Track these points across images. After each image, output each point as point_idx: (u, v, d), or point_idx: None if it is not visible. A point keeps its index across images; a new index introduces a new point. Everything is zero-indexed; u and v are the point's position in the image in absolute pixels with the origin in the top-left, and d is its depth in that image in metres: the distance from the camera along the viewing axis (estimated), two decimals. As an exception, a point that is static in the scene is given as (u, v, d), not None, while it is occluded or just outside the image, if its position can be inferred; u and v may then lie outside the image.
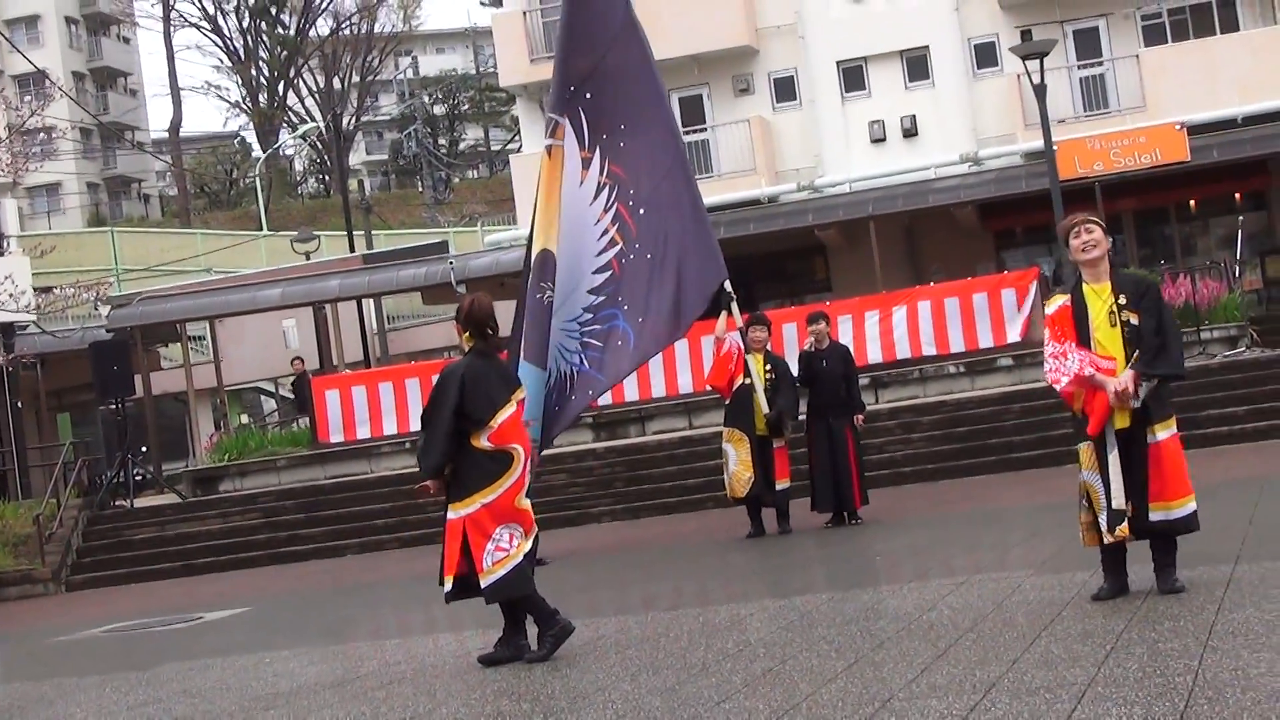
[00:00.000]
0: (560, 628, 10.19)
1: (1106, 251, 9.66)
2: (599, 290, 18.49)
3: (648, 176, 18.65)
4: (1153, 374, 9.37)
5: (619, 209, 18.62)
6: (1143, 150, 32.65)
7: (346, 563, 24.06)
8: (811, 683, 8.16)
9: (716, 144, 38.01)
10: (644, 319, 18.27)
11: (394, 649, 12.30)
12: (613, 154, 18.74)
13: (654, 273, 18.35)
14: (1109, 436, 9.51)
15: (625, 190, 18.65)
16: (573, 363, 18.33)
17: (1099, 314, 9.57)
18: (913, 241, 37.32)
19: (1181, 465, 9.49)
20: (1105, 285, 9.62)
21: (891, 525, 17.48)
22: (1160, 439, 9.45)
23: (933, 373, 27.82)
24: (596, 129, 18.79)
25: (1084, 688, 7.11)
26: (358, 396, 30.32)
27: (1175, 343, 9.56)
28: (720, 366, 18.45)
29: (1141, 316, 9.47)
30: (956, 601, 10.42)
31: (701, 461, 24.71)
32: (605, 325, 18.38)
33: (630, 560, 18.00)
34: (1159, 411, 9.48)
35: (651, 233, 18.45)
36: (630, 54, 18.85)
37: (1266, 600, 8.77)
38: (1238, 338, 27.14)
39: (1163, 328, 9.46)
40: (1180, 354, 9.61)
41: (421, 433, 10.20)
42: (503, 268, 35.21)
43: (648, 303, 18.27)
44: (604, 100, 18.78)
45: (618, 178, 18.68)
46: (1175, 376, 9.55)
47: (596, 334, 18.38)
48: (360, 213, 55.66)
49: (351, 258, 43.27)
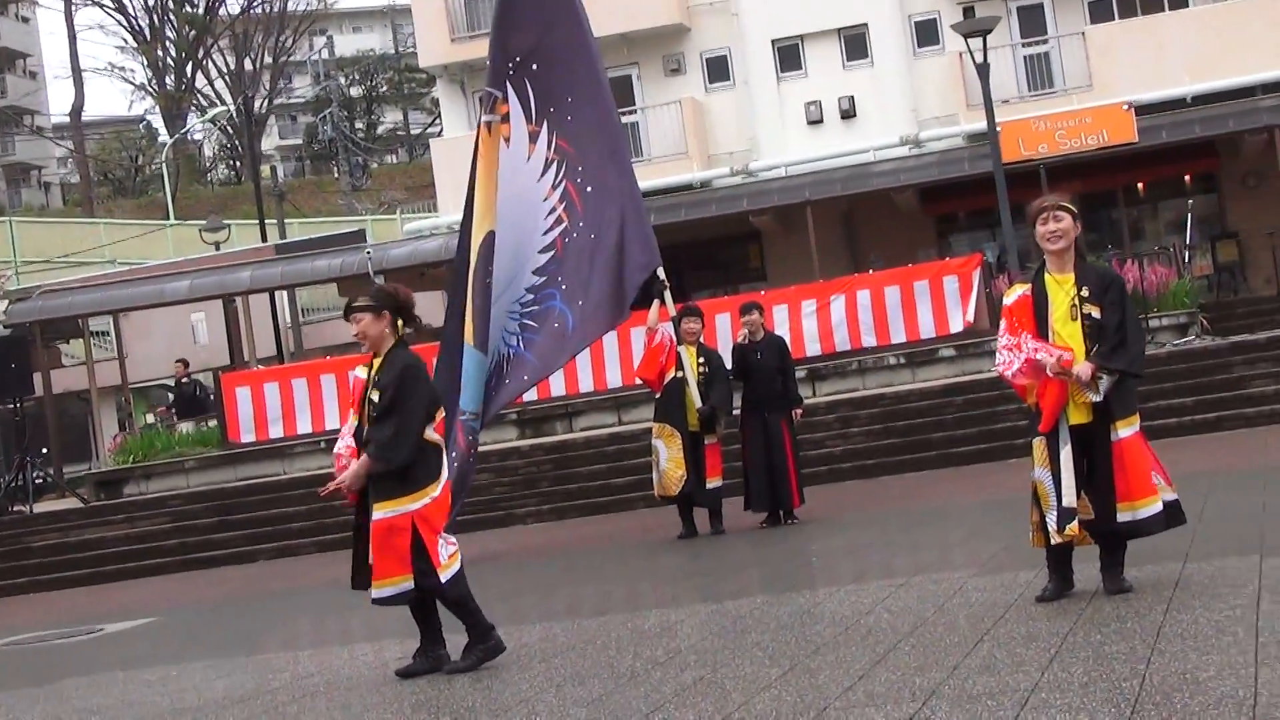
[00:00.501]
0: (492, 644, 10.15)
1: (1074, 242, 9.64)
2: (542, 270, 18.45)
3: (594, 154, 18.60)
4: (1109, 367, 9.36)
5: (567, 186, 18.56)
6: (1089, 131, 32.83)
7: (259, 569, 23.93)
8: (744, 692, 8.15)
9: (646, 126, 37.99)
10: (583, 301, 18.23)
11: (308, 660, 12.22)
12: (560, 128, 18.67)
13: (596, 254, 18.30)
14: (1062, 431, 9.52)
15: (574, 167, 18.58)
16: (511, 345, 18.29)
17: (1060, 306, 9.56)
18: (851, 227, 37.41)
19: (1145, 464, 9.48)
20: (1069, 276, 9.59)
21: (829, 524, 17.51)
22: (1122, 436, 9.46)
23: (872, 364, 27.88)
24: (544, 101, 18.72)
25: (1027, 694, 7.12)
26: (270, 394, 30.13)
27: (1136, 340, 9.57)
28: (651, 359, 18.42)
29: (1104, 311, 9.47)
30: (896, 604, 10.44)
31: (631, 459, 24.68)
32: (543, 306, 18.33)
33: (556, 563, 17.97)
34: (1121, 408, 9.48)
35: (596, 212, 18.41)
36: (573, 32, 18.81)
37: (1216, 600, 8.82)
38: (1187, 325, 27.34)
39: (1125, 324, 9.45)
40: (1140, 353, 9.64)
41: (386, 425, 9.97)
42: (422, 257, 35.16)
43: (588, 285, 18.23)
44: (551, 73, 18.72)
45: (566, 153, 18.62)
46: (1132, 375, 9.52)
47: (534, 315, 18.34)
48: (273, 200, 55.30)
49: (264, 248, 43.07)
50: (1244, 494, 14.11)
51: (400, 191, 74.59)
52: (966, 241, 37.15)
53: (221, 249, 45.68)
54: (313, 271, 36.18)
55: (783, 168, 36.54)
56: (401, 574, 9.91)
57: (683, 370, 18.02)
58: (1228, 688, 6.74)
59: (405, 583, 9.94)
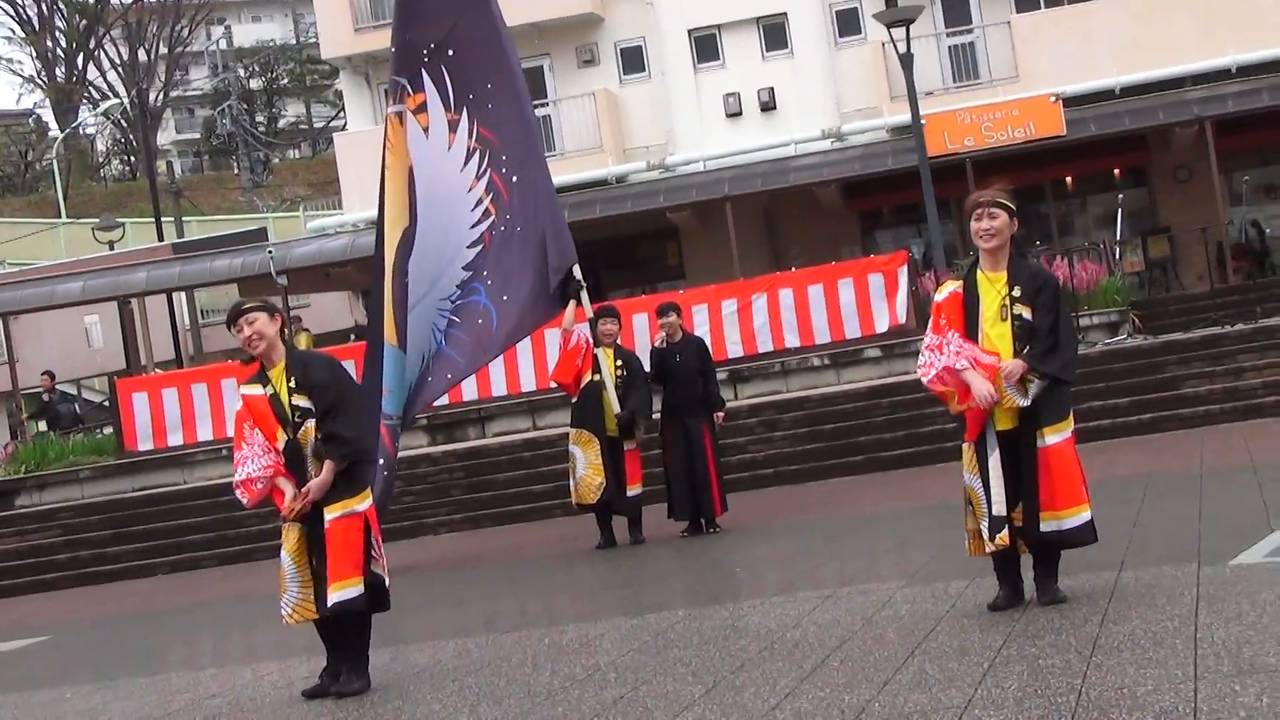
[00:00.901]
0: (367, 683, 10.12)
1: (1007, 241, 9.62)
2: (470, 265, 18.38)
3: (517, 143, 18.53)
4: (1040, 370, 9.37)
5: (492, 176, 18.47)
6: (1015, 124, 33.06)
7: (158, 583, 23.73)
8: (667, 710, 8.12)
9: (560, 119, 37.95)
10: (508, 297, 18.18)
11: (210, 680, 12.09)
12: (481, 115, 18.56)
13: (522, 248, 18.26)
14: (989, 438, 9.54)
15: (498, 155, 18.48)
16: (437, 341, 18.25)
17: (990, 305, 9.55)
18: (772, 224, 37.51)
19: (1074, 472, 9.47)
20: (1001, 275, 9.57)
21: (752, 533, 17.49)
22: (1049, 443, 9.45)
23: (795, 365, 27.94)
24: (462, 89, 18.60)
25: (961, 710, 7.13)
26: (168, 400, 29.90)
27: (1069, 345, 9.55)
28: (567, 361, 18.35)
29: (1035, 312, 9.46)
30: (823, 617, 10.43)
31: (547, 465, 24.64)
32: (468, 301, 18.26)
33: (470, 576, 17.90)
34: (1050, 413, 9.47)
35: (522, 204, 18.35)
36: (485, 19, 18.71)
37: (1153, 610, 8.85)
38: (1119, 324, 27.52)
39: (1057, 327, 9.44)
40: (1073, 358, 9.62)
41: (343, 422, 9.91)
42: (327, 256, 35.05)
43: (513, 281, 18.19)
44: (468, 59, 18.59)
45: (488, 142, 18.52)
46: (1062, 381, 9.50)
47: (459, 310, 18.27)
48: (170, 197, 54.97)
49: (160, 247, 42.79)
50: (1180, 499, 14.18)
51: (303, 188, 74.24)
52: (891, 238, 37.32)
53: (116, 248, 45.35)
54: (212, 272, 35.98)
55: (701, 162, 36.59)
56: (354, 576, 9.92)
57: (600, 374, 17.98)
58: (1167, 703, 6.76)
59: (358, 585, 9.95)
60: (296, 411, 9.95)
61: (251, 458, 10.03)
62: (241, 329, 10.04)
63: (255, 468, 9.99)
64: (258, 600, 17.81)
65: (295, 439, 9.95)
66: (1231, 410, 22.58)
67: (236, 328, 10.07)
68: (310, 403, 9.94)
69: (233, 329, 10.13)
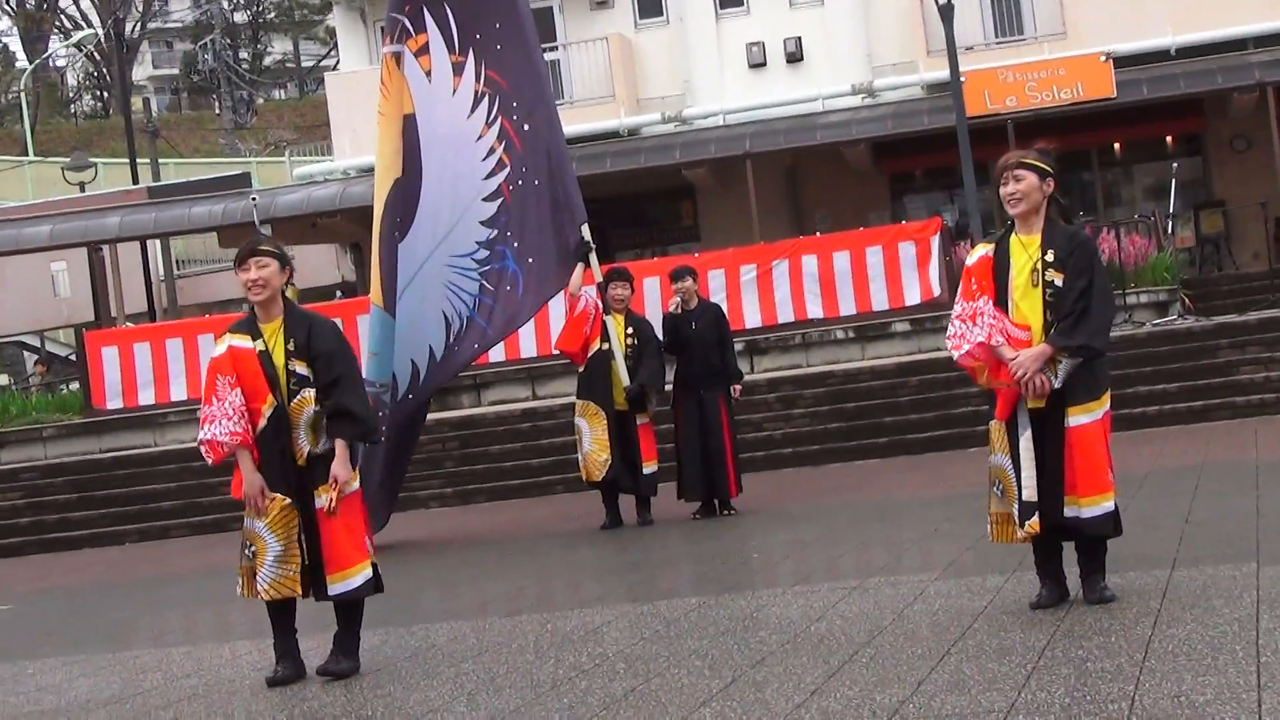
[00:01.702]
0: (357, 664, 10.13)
1: (1038, 204, 9.54)
2: (492, 222, 18.34)
3: (528, 88, 18.47)
4: (1067, 346, 9.29)
5: (503, 124, 18.41)
6: (1062, 84, 32.91)
7: (126, 552, 23.75)
8: (683, 704, 8.09)
9: (569, 65, 37.82)
10: (533, 259, 18.19)
11: (182, 658, 12.07)
12: (489, 57, 18.48)
13: (539, 204, 18.25)
14: (1020, 417, 9.47)
15: (509, 101, 18.43)
16: (470, 307, 18.23)
17: (1021, 271, 9.46)
18: (795, 185, 37.44)
19: (1098, 457, 9.37)
20: (1035, 238, 9.49)
21: (770, 517, 17.48)
22: (1075, 424, 9.37)
23: (818, 338, 27.91)
24: (468, 28, 18.52)
25: (1003, 716, 7.08)
26: (140, 355, 29.87)
27: (1101, 310, 9.42)
28: (574, 328, 18.28)
29: (1067, 277, 9.38)
30: (849, 610, 10.39)
31: (548, 438, 24.62)
32: (497, 266, 18.26)
33: (463, 554, 17.88)
34: (1077, 393, 9.37)
35: (535, 154, 18.31)
36: None
37: (1210, 614, 8.80)
38: (1168, 303, 27.47)
39: (1090, 291, 9.30)
40: (1105, 324, 9.49)
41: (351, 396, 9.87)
42: (315, 205, 34.98)
43: (535, 242, 18.19)
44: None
45: (498, 86, 18.45)
46: (1092, 351, 9.37)
47: (490, 276, 18.26)
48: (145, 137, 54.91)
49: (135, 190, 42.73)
50: (1235, 493, 14.13)
51: (289, 131, 74.17)
52: (923, 204, 37.24)
53: (87, 190, 45.29)
54: (190, 219, 35.90)
55: (720, 116, 36.44)
56: (362, 560, 9.97)
57: (608, 342, 17.93)
58: (1228, 714, 6.71)
59: (367, 569, 9.99)
60: (293, 378, 9.85)
61: (220, 418, 9.84)
62: (249, 268, 9.87)
63: (222, 431, 9.82)
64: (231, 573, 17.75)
65: (287, 408, 9.88)
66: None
67: (244, 266, 9.90)
68: (310, 371, 9.83)
69: (238, 268, 9.96)
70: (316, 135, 62.70)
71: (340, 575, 9.86)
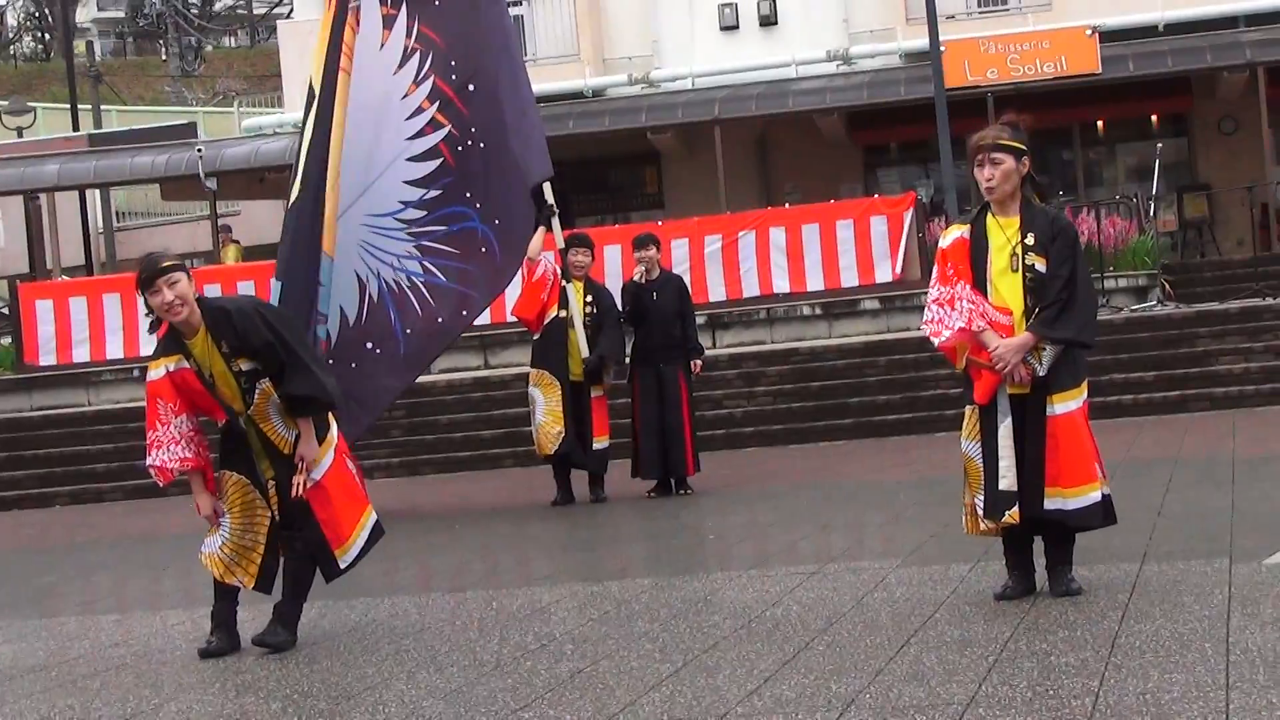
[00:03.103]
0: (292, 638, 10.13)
1: (1017, 188, 9.55)
2: (425, 182, 18.24)
3: (475, 46, 18.39)
4: (1052, 339, 9.33)
5: (436, 83, 18.30)
6: (1045, 57, 32.92)
7: (56, 515, 23.70)
8: (631, 688, 8.12)
9: (533, 22, 37.70)
10: (500, 221, 18.13)
11: (112, 627, 12.06)
12: (424, 13, 18.35)
13: (500, 165, 18.19)
14: (1001, 402, 9.49)
15: (444, 61, 18.31)
16: (410, 271, 18.16)
17: (1000, 254, 9.48)
18: (765, 153, 37.43)
19: (1084, 445, 9.42)
20: (1013, 220, 9.50)
21: (728, 497, 17.53)
22: (1059, 411, 9.40)
23: (783, 314, 27.90)
24: None
25: (963, 709, 7.12)
26: (76, 310, 29.72)
27: (1087, 303, 9.48)
28: (530, 295, 18.27)
29: (1049, 263, 9.39)
30: (807, 595, 10.43)
31: (500, 409, 24.63)
32: (456, 227, 18.18)
33: (408, 527, 17.80)
34: (1060, 379, 9.41)
35: (485, 116, 18.24)
36: None
37: (1179, 609, 8.85)
38: (1147, 289, 27.55)
39: (1073, 280, 9.34)
40: (1090, 317, 9.54)
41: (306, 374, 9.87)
42: (264, 159, 34.82)
43: (501, 203, 18.14)
44: None
45: (432, 43, 18.34)
46: (1080, 345, 9.47)
47: (441, 237, 18.18)
48: (88, 82, 54.63)
49: (75, 137, 42.53)
50: (1210, 487, 14.21)
51: (239, 81, 73.81)
52: (897, 177, 37.26)
53: (25, 136, 45.01)
54: (132, 169, 35.75)
55: (689, 79, 36.35)
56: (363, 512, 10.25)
57: (567, 309, 17.93)
58: (1195, 712, 6.76)
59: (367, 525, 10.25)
60: (242, 378, 9.86)
61: (168, 443, 9.86)
62: (160, 290, 9.63)
63: (171, 458, 9.87)
64: (166, 540, 17.78)
65: (249, 411, 9.94)
66: (1270, 392, 22.64)
67: (153, 289, 9.63)
68: (255, 363, 9.84)
69: (146, 292, 9.68)
70: (267, 86, 62.42)
71: (343, 549, 10.05)
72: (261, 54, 78.48)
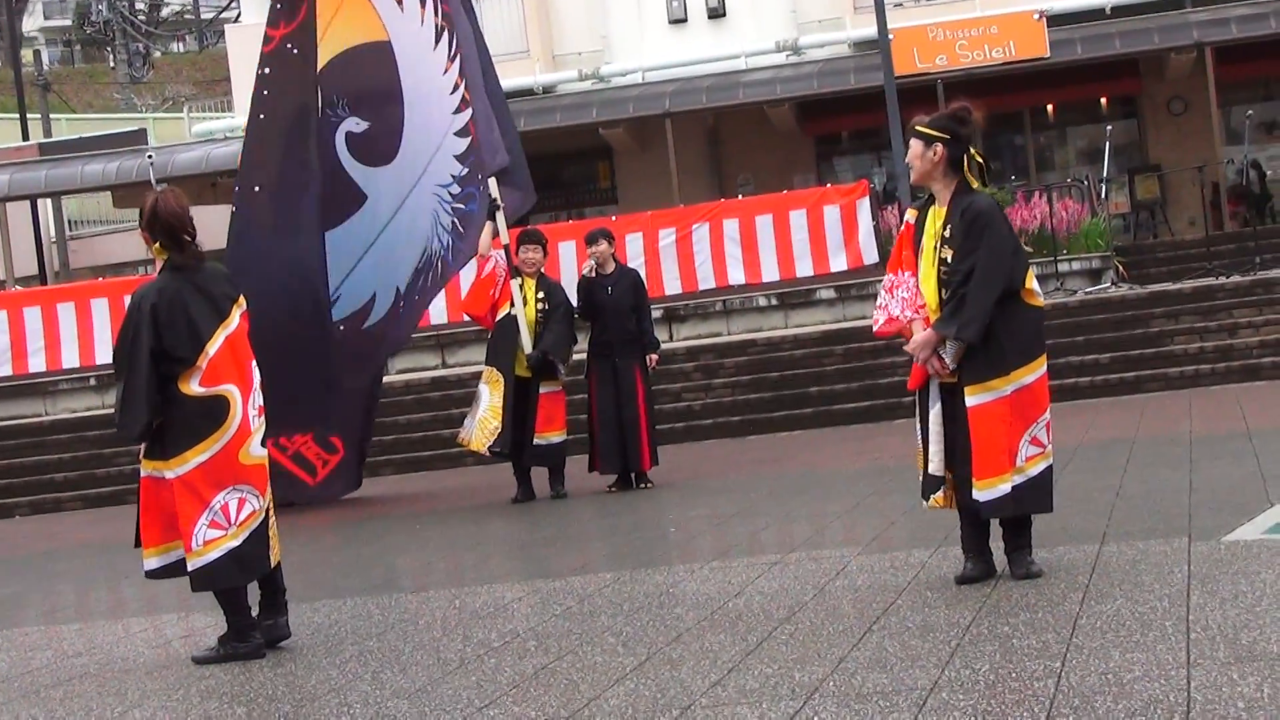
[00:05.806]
0: (248, 649, 9.90)
1: (929, 173, 9.54)
2: (464, 158, 18.49)
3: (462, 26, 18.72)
4: (940, 335, 9.39)
5: (461, 60, 18.62)
6: (993, 42, 33.02)
7: (15, 526, 23.62)
8: (594, 684, 8.12)
9: (482, 19, 37.31)
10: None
11: (74, 636, 12.03)
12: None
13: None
14: (932, 389, 9.57)
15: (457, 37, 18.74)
16: (445, 244, 18.48)
17: (928, 246, 9.53)
18: (717, 145, 37.45)
19: (995, 438, 9.35)
20: (943, 210, 9.56)
21: (688, 490, 17.54)
22: (971, 404, 9.41)
23: (739, 305, 27.94)
24: None
25: (926, 693, 7.14)
26: (30, 320, 29.63)
27: (979, 298, 9.29)
28: (480, 291, 18.29)
29: (955, 256, 9.39)
30: (768, 585, 10.45)
31: (458, 407, 24.52)
32: (467, 206, 18.42)
33: (369, 527, 17.84)
34: (977, 371, 9.40)
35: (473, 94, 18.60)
36: None
37: (1139, 589, 8.88)
38: (1101, 271, 27.63)
39: (973, 273, 9.29)
40: (979, 312, 9.29)
41: (115, 383, 9.81)
42: (215, 164, 34.76)
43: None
44: None
45: (451, 19, 18.70)
46: (958, 341, 9.37)
47: (463, 217, 18.42)
48: (36, 91, 54.44)
49: (25, 147, 42.28)
50: (1167, 467, 14.24)
51: (188, 86, 73.63)
52: (850, 166, 37.33)
53: (-26, 147, 44.84)
54: (83, 177, 35.67)
55: (639, 73, 36.39)
56: (153, 546, 10.06)
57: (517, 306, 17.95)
58: (1156, 691, 6.79)
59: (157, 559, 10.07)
60: None
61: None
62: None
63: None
64: (126, 549, 17.69)
65: None
66: (1225, 371, 22.78)
67: None
68: None
69: None
70: (216, 91, 62.30)
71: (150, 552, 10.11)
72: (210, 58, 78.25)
